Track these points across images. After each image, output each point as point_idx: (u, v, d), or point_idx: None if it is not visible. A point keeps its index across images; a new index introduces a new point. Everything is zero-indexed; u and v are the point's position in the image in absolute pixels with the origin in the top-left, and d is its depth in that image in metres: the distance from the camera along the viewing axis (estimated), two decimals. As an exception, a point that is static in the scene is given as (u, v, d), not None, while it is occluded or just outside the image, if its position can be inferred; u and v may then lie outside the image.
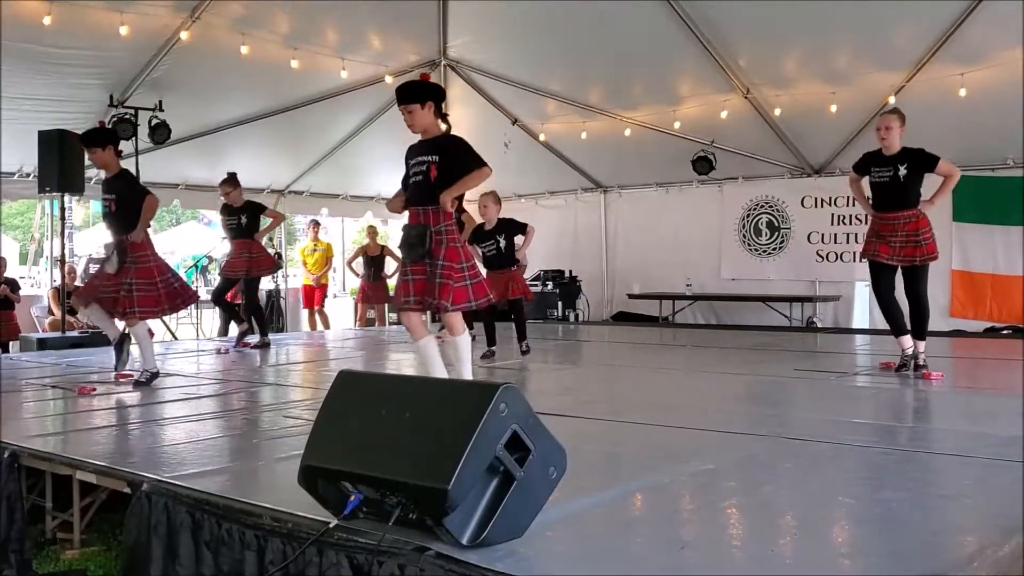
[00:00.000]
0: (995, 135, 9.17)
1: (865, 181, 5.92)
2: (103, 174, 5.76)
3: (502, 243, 6.89)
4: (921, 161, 5.63)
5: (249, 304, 8.39)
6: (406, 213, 4.44)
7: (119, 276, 5.50)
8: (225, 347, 8.20)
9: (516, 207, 13.53)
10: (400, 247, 4.45)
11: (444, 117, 4.37)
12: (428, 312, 4.67)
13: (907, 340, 5.80)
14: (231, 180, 8.08)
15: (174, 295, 5.72)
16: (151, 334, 6.87)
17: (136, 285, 5.46)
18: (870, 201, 5.92)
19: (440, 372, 4.38)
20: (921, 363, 5.70)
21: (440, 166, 4.21)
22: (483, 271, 7.14)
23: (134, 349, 5.83)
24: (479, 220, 7.28)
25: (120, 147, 5.79)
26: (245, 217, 8.03)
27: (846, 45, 9.04)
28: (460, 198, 5.41)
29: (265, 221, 8.25)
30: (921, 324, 5.76)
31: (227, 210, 8.15)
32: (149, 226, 5.66)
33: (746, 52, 9.56)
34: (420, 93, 4.22)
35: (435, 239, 4.26)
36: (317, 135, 11.53)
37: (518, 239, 7.13)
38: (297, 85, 10.31)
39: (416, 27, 10.47)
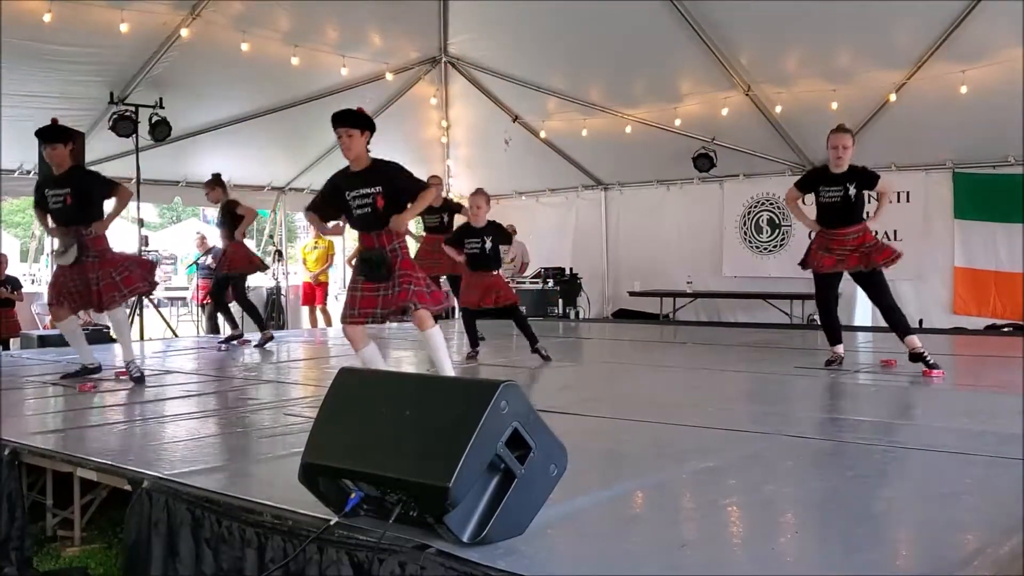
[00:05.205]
0: (996, 132, 9.15)
1: (809, 197, 6.14)
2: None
3: (487, 244, 6.76)
4: (867, 179, 5.80)
5: (239, 303, 8.39)
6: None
7: (84, 272, 5.46)
8: (225, 345, 8.20)
9: (516, 204, 13.56)
10: (361, 271, 4.73)
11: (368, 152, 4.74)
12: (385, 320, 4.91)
13: (840, 348, 6.18)
14: (210, 181, 8.23)
15: (148, 271, 5.88)
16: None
17: (104, 275, 5.46)
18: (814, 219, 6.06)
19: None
20: (930, 361, 5.60)
21: (385, 195, 4.58)
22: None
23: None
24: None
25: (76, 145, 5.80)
26: (220, 215, 8.18)
27: (847, 43, 9.03)
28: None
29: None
30: (900, 324, 5.86)
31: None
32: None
33: (747, 50, 9.55)
34: (361, 121, 4.61)
35: (392, 256, 4.64)
36: (318, 132, 11.46)
37: (502, 248, 7.04)
38: (297, 82, 10.31)
39: (417, 24, 10.46)
